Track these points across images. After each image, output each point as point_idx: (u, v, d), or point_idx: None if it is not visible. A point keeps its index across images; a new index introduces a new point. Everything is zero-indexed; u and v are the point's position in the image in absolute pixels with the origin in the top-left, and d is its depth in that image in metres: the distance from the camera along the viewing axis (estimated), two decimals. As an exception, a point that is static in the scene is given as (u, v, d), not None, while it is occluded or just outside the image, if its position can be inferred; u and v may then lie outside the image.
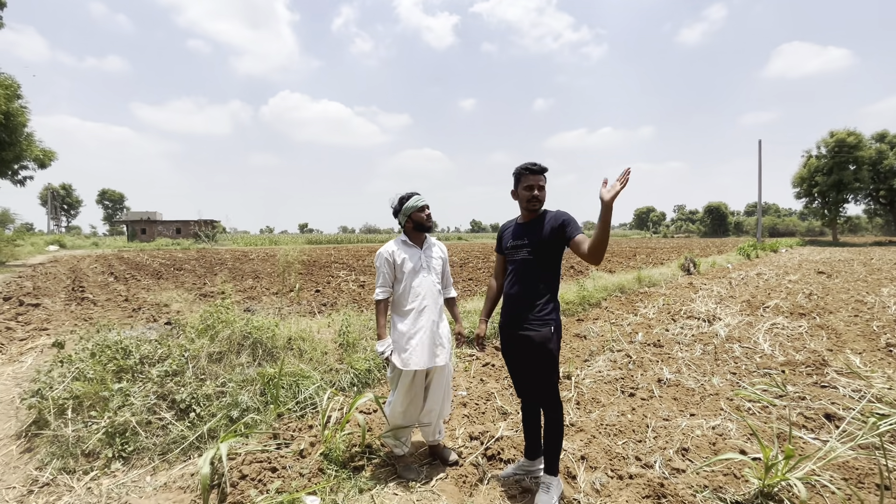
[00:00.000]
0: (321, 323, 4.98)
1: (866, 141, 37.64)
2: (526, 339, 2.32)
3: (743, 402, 3.57)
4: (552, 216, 2.34)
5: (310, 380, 3.72)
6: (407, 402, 2.69)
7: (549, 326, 2.29)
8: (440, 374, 2.75)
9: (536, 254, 2.32)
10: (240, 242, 46.88)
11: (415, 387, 2.70)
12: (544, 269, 2.33)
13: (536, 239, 2.32)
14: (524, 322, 2.33)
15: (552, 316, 2.32)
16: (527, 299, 2.33)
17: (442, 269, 2.87)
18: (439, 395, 2.76)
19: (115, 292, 10.03)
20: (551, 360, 2.30)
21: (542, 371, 2.32)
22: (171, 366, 3.33)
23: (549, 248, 2.31)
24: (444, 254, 2.92)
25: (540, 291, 2.32)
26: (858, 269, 14.81)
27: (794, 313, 7.16)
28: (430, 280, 2.74)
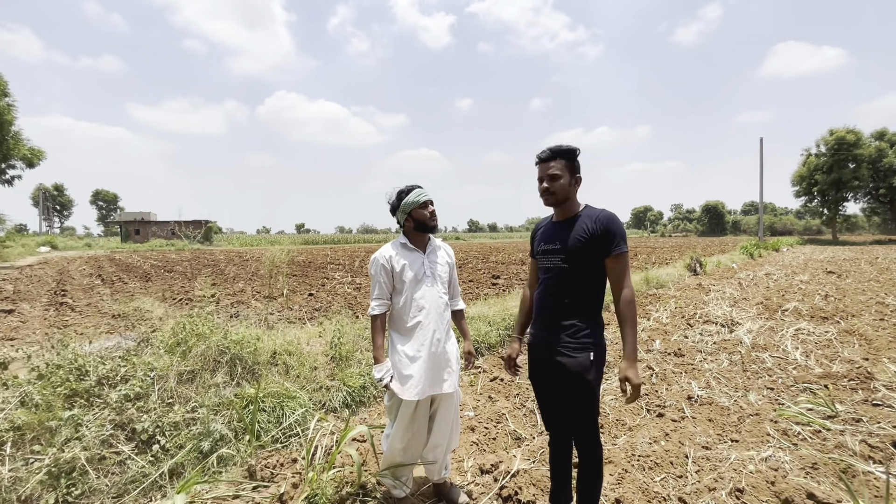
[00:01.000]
0: (312, 332, 4.52)
1: (865, 139, 37.42)
2: (558, 367, 1.87)
3: (789, 424, 3.14)
4: (592, 217, 1.87)
5: (296, 401, 3.27)
6: (408, 436, 2.25)
7: (588, 352, 1.84)
8: (447, 403, 2.31)
9: (572, 262, 1.87)
10: (235, 243, 46.28)
11: (418, 418, 2.26)
12: (583, 280, 1.87)
13: (570, 245, 1.87)
14: (557, 345, 1.88)
15: (593, 339, 1.87)
16: (560, 317, 1.89)
17: (449, 277, 2.42)
18: (446, 427, 2.32)
19: (99, 296, 9.54)
20: (590, 393, 1.85)
21: (578, 405, 1.88)
22: (133, 388, 2.87)
23: (588, 256, 1.85)
24: (452, 258, 2.47)
25: (577, 307, 1.87)
26: (866, 268, 14.46)
27: (816, 317, 6.75)
28: (436, 291, 2.29)
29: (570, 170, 1.90)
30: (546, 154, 1.93)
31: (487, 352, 5.19)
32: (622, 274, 1.82)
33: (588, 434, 1.89)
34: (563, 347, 1.86)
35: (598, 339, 1.88)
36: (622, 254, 1.81)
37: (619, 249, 1.80)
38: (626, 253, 1.82)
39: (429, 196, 2.28)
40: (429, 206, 2.27)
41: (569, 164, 1.90)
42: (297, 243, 48.37)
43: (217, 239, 50.64)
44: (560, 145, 1.92)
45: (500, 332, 5.51)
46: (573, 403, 1.88)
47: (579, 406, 1.87)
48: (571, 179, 1.91)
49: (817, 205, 41.40)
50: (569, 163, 1.90)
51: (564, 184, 1.90)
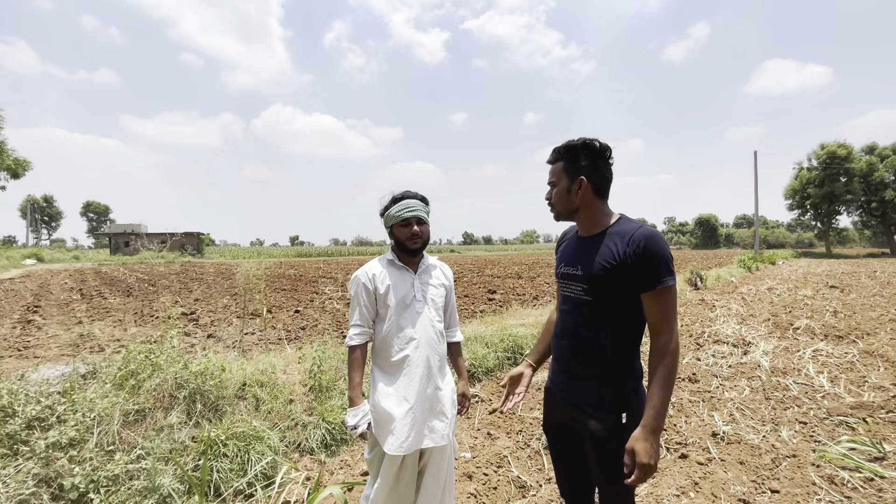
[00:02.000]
0: (290, 358, 4.08)
1: (856, 153, 37.76)
2: (580, 427, 1.46)
3: (834, 469, 2.73)
4: (624, 235, 1.39)
5: (264, 442, 2.81)
6: (393, 499, 1.81)
7: (619, 413, 1.41)
8: (439, 458, 1.88)
9: (597, 294, 1.42)
10: (227, 255, 45.60)
11: (404, 476, 1.83)
12: (612, 318, 1.42)
13: (594, 272, 1.41)
14: (577, 398, 1.47)
15: (625, 394, 1.43)
16: (582, 362, 1.47)
17: (445, 302, 2.02)
18: (437, 486, 1.89)
19: (72, 313, 9.01)
20: (621, 465, 1.40)
21: (607, 479, 1.45)
22: (65, 434, 2.42)
23: (617, 288, 1.39)
24: (449, 280, 2.06)
25: (604, 352, 1.43)
26: (867, 282, 14.23)
27: (831, 335, 6.39)
28: (427, 318, 1.89)
29: (569, 173, 1.47)
30: (552, 155, 1.53)
31: (485, 377, 4.75)
32: (665, 315, 1.34)
33: (622, 512, 1.47)
34: (585, 404, 1.45)
35: (633, 395, 1.44)
36: (666, 288, 1.33)
37: (662, 282, 1.33)
38: (672, 287, 1.34)
39: (417, 212, 1.85)
40: (412, 226, 1.84)
41: (568, 166, 1.47)
42: (290, 256, 47.73)
43: (209, 251, 49.91)
44: (569, 141, 1.48)
45: (498, 354, 5.08)
46: (602, 476, 1.46)
47: (610, 477, 1.44)
48: (571, 185, 1.46)
49: (810, 218, 41.58)
50: (568, 164, 1.47)
51: (560, 191, 1.49)
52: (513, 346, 5.31)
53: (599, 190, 1.48)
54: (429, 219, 1.93)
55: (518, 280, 15.34)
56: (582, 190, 1.46)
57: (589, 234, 1.51)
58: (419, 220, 1.86)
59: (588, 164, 1.46)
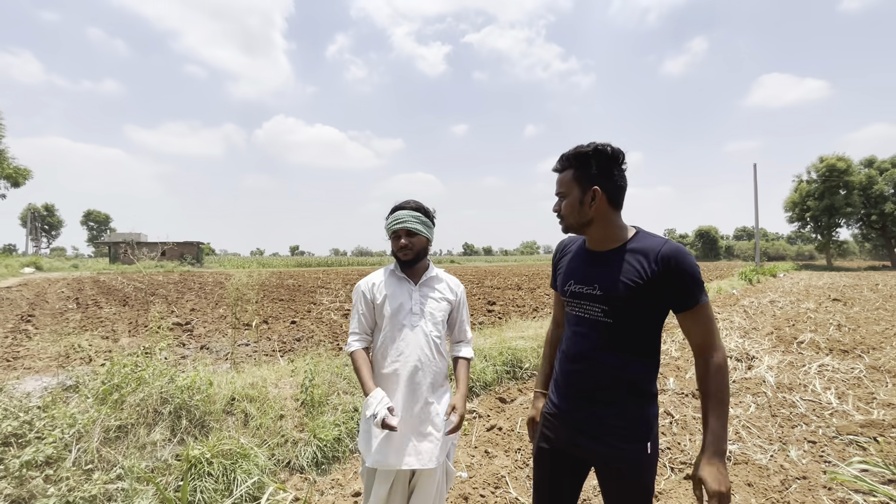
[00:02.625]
0: (283, 371, 3.96)
1: (855, 166, 37.89)
2: (599, 460, 1.35)
3: (847, 492, 2.61)
4: (650, 252, 1.28)
5: (251, 460, 2.70)
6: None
7: (644, 443, 1.30)
8: (427, 480, 1.77)
9: (620, 316, 1.30)
10: (226, 265, 45.47)
11: (394, 496, 1.74)
12: (633, 340, 1.32)
13: (619, 292, 1.29)
14: (596, 428, 1.34)
15: (650, 421, 1.32)
16: (599, 387, 1.34)
17: (451, 317, 1.96)
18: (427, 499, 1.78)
19: (66, 322, 8.89)
20: (643, 497, 1.31)
21: None
22: (42, 451, 2.31)
23: (643, 309, 1.29)
24: (458, 294, 1.97)
25: (626, 376, 1.32)
26: (870, 295, 14.13)
27: (836, 350, 6.27)
28: (423, 332, 1.81)
29: (581, 183, 1.33)
30: (558, 163, 1.40)
31: (483, 391, 4.63)
32: (708, 331, 1.25)
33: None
34: (607, 436, 1.32)
35: (654, 421, 1.34)
36: (702, 305, 1.24)
37: (700, 300, 1.24)
38: (708, 303, 1.25)
39: (405, 224, 1.80)
40: (401, 238, 1.81)
41: (579, 175, 1.33)
42: (289, 265, 47.61)
43: (208, 261, 49.82)
44: (579, 146, 1.34)
45: (497, 368, 4.96)
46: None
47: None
48: (583, 196, 1.32)
49: (810, 230, 41.56)
50: (579, 172, 1.33)
51: (572, 203, 1.35)
52: (512, 359, 5.20)
53: (614, 200, 1.34)
54: (426, 229, 1.86)
55: (518, 291, 15.22)
56: (596, 201, 1.32)
57: (603, 248, 1.38)
58: (408, 231, 1.82)
59: (601, 172, 1.32)
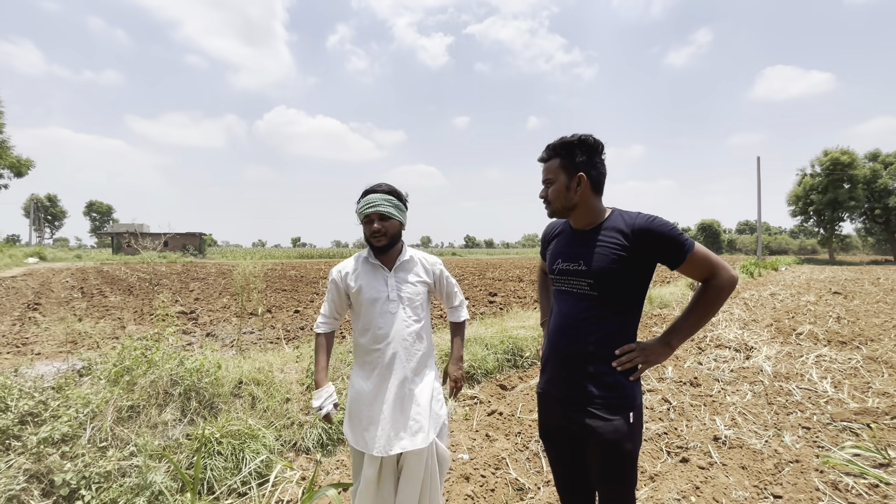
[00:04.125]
0: (288, 357, 4.04)
1: (860, 160, 37.65)
2: (585, 431, 1.42)
3: (838, 475, 2.68)
4: (625, 225, 1.41)
5: (260, 441, 2.78)
6: (370, 498, 1.76)
7: (627, 412, 1.39)
8: (415, 462, 1.77)
9: (604, 288, 1.40)
10: (228, 256, 45.61)
11: (383, 480, 1.76)
12: (617, 312, 1.43)
13: (602, 265, 1.40)
14: (582, 402, 1.42)
15: (630, 393, 1.41)
16: (586, 362, 1.43)
17: (442, 288, 2.01)
18: (412, 492, 1.77)
19: (72, 310, 9.00)
20: (627, 466, 1.39)
21: (610, 481, 1.42)
22: (57, 429, 2.39)
23: (625, 280, 1.39)
24: (433, 273, 1.97)
25: (611, 348, 1.42)
26: (871, 289, 14.14)
27: (834, 341, 6.33)
28: (401, 318, 1.83)
29: (567, 170, 1.44)
30: (542, 153, 1.51)
31: (484, 379, 4.71)
32: (706, 267, 1.38)
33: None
34: (592, 405, 1.40)
35: (637, 394, 1.43)
36: (692, 253, 1.35)
37: (686, 248, 1.35)
38: (695, 248, 1.36)
39: (377, 207, 1.78)
40: (373, 223, 1.79)
41: (565, 163, 1.44)
42: (291, 257, 47.75)
43: (211, 252, 49.98)
44: (562, 137, 1.45)
45: (497, 356, 5.04)
46: (605, 478, 1.42)
47: (613, 482, 1.41)
48: (569, 182, 1.44)
49: (813, 224, 41.42)
50: (565, 161, 1.44)
51: (559, 189, 1.46)
52: (512, 347, 5.27)
53: (596, 186, 1.48)
54: (399, 212, 1.84)
55: (519, 283, 15.29)
56: (581, 187, 1.44)
57: (584, 227, 1.50)
58: (381, 216, 1.79)
59: (585, 160, 1.44)
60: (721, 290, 1.38)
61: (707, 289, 1.41)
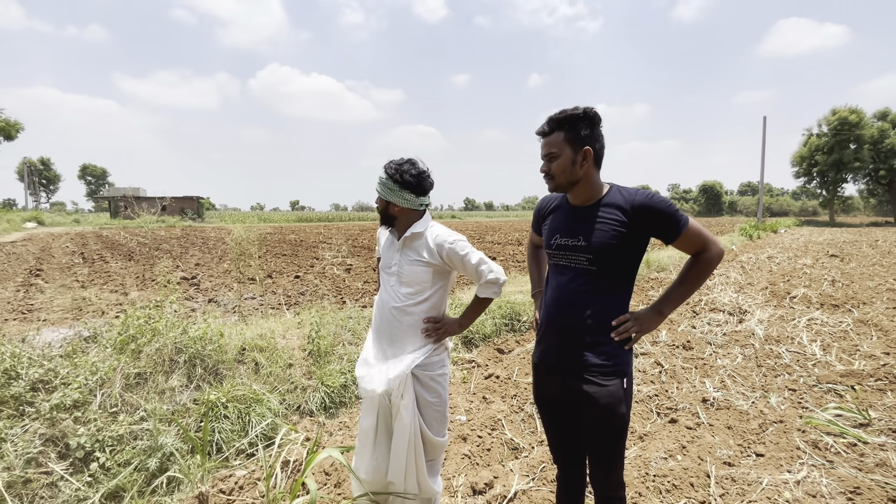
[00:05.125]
0: (289, 323, 4.12)
1: (867, 119, 36.81)
2: (581, 397, 1.47)
3: (819, 434, 2.80)
4: (624, 201, 1.43)
5: (264, 404, 2.89)
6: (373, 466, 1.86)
7: (621, 378, 1.45)
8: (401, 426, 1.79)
9: (603, 263, 1.43)
10: (227, 220, 45.47)
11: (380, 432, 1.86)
12: (614, 285, 1.46)
13: (601, 241, 1.42)
14: (579, 369, 1.47)
15: (624, 360, 1.47)
16: (583, 332, 1.47)
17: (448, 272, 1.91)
18: (400, 456, 1.80)
19: (74, 276, 9.07)
20: (620, 428, 1.47)
21: (605, 443, 1.50)
22: (69, 395, 2.47)
23: (623, 255, 1.43)
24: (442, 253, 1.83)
25: (606, 321, 1.46)
26: (868, 251, 14.21)
27: (827, 304, 6.44)
28: (392, 291, 1.85)
29: (573, 144, 1.42)
30: (542, 127, 1.48)
31: (482, 343, 4.82)
32: (698, 242, 1.45)
33: (612, 475, 1.52)
34: (588, 373, 1.45)
35: (630, 361, 1.49)
36: (687, 229, 1.40)
37: (682, 224, 1.40)
38: (689, 224, 1.41)
39: (379, 191, 1.85)
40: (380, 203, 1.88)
41: (570, 137, 1.42)
42: (290, 220, 47.61)
43: (209, 216, 49.79)
44: (564, 110, 1.42)
45: (496, 321, 5.14)
46: (598, 440, 1.50)
47: (606, 444, 1.49)
48: (575, 156, 1.42)
49: (816, 186, 41.06)
50: (570, 134, 1.42)
51: (564, 163, 1.43)
52: (510, 312, 5.37)
53: (598, 160, 1.49)
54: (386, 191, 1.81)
55: (518, 247, 15.34)
56: (587, 161, 1.43)
57: (585, 204, 1.50)
58: (383, 199, 1.85)
59: (590, 133, 1.44)
60: (710, 263, 1.47)
61: (697, 262, 1.48)
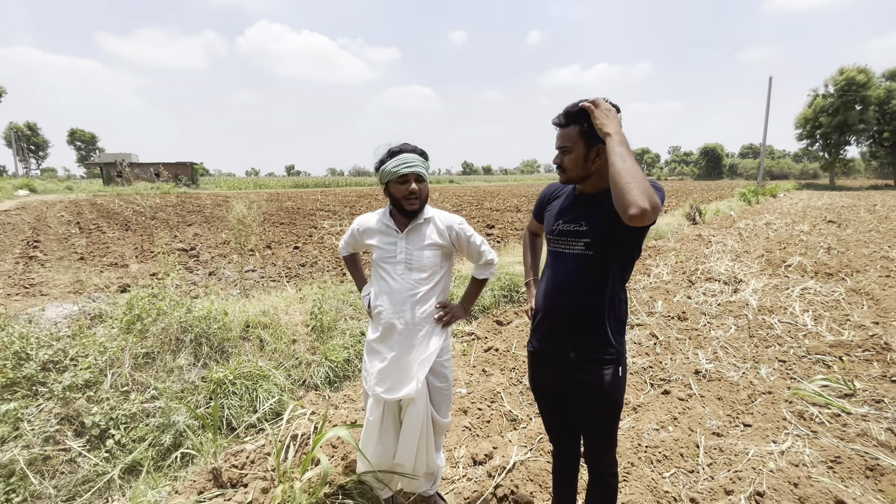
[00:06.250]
0: (291, 298, 4.18)
1: (876, 79, 35.86)
2: (579, 384, 1.53)
3: (805, 405, 2.92)
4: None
5: (271, 380, 2.98)
6: (380, 450, 1.94)
7: (616, 366, 1.50)
8: (413, 414, 1.88)
9: (600, 248, 1.44)
10: (223, 186, 44.93)
11: (385, 423, 1.92)
12: (611, 274, 1.46)
13: (602, 227, 1.42)
14: (576, 358, 1.52)
15: (619, 347, 1.51)
16: (580, 320, 1.50)
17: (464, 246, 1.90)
18: (411, 442, 1.90)
19: (73, 248, 9.06)
20: (615, 413, 1.54)
21: (599, 426, 1.57)
22: (81, 375, 2.54)
23: (621, 240, 1.42)
24: (451, 234, 1.86)
25: (602, 307, 1.47)
26: (865, 216, 14.25)
27: (821, 273, 6.52)
28: (405, 282, 1.81)
29: (587, 139, 1.39)
30: (558, 119, 1.44)
31: (481, 315, 4.91)
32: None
33: (606, 455, 1.60)
34: (585, 361, 1.50)
35: (624, 348, 1.53)
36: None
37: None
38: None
39: (416, 168, 1.72)
40: (410, 183, 1.73)
41: (585, 131, 1.39)
42: (286, 186, 47.07)
43: (204, 182, 49.11)
44: (580, 102, 1.37)
45: (494, 292, 5.21)
46: (594, 424, 1.57)
47: (602, 427, 1.56)
48: (588, 152, 1.41)
49: (818, 148, 40.51)
50: (585, 129, 1.39)
51: (577, 158, 1.42)
52: (509, 283, 5.43)
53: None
54: (428, 175, 1.83)
55: (517, 213, 15.30)
56: (600, 157, 1.41)
57: (592, 190, 1.50)
58: (418, 177, 1.75)
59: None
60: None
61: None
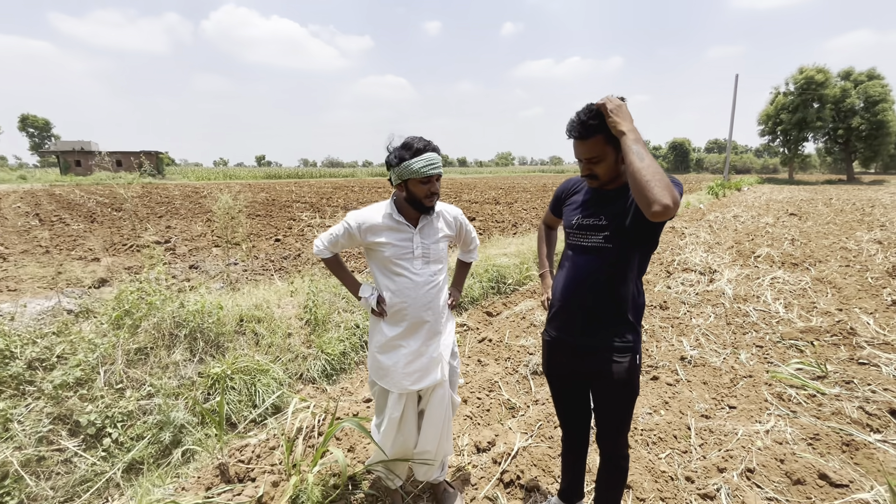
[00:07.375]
0: (282, 291, 4.11)
1: (833, 78, 37.71)
2: (598, 373, 1.59)
3: (784, 387, 3.11)
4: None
5: (269, 374, 2.94)
6: (399, 441, 1.96)
7: (634, 353, 1.56)
8: (439, 397, 1.95)
9: (619, 241, 1.49)
10: (191, 177, 43.35)
11: (406, 415, 1.94)
12: (629, 266, 1.51)
13: (621, 220, 1.47)
14: (596, 348, 1.57)
15: (638, 337, 1.58)
16: (600, 311, 1.55)
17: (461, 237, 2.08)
18: (436, 427, 1.97)
19: (36, 241, 8.59)
20: (631, 399, 1.62)
21: (617, 412, 1.64)
22: (72, 373, 2.45)
23: (641, 234, 1.46)
24: (455, 224, 1.99)
25: (621, 300, 1.53)
26: (823, 209, 15.06)
27: (787, 263, 6.89)
28: (426, 275, 1.85)
29: (614, 143, 1.42)
30: (578, 131, 1.44)
31: (471, 306, 4.97)
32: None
33: (620, 439, 1.68)
34: (604, 350, 1.55)
35: (640, 336, 1.60)
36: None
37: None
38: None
39: (439, 169, 1.75)
40: (433, 183, 1.75)
41: (609, 137, 1.41)
42: (258, 177, 45.82)
43: (170, 171, 47.21)
44: (590, 110, 1.40)
45: (483, 284, 5.27)
46: (612, 410, 1.64)
47: (619, 413, 1.64)
48: (618, 155, 1.45)
49: (779, 144, 42.39)
50: (609, 135, 1.41)
51: (610, 164, 1.46)
52: (497, 276, 5.51)
53: None
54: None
55: (496, 206, 15.42)
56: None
57: (611, 187, 1.54)
58: (440, 177, 1.78)
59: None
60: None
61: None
